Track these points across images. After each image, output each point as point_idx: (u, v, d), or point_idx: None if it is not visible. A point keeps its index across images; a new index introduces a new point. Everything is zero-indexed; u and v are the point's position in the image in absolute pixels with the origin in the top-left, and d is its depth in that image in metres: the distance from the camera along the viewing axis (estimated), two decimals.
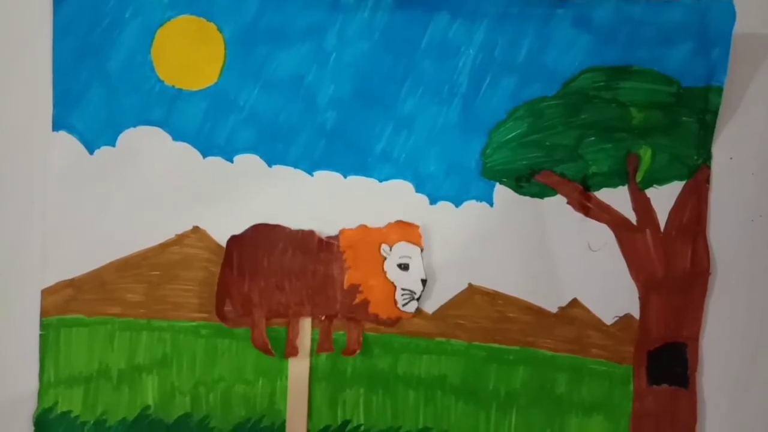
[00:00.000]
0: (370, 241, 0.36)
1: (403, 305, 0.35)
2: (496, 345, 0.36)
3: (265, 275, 0.36)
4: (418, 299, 0.35)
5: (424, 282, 0.35)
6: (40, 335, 0.37)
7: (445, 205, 0.36)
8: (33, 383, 0.37)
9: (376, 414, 0.36)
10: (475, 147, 0.36)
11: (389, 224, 0.36)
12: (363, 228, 0.36)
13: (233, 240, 0.36)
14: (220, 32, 0.36)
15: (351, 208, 0.36)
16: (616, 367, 0.36)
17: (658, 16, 0.35)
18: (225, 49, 0.36)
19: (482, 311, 0.36)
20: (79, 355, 0.36)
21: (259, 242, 0.36)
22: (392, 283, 0.36)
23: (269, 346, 0.36)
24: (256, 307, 0.36)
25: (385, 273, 0.36)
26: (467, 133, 0.36)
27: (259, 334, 0.36)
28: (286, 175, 0.36)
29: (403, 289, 0.35)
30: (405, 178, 0.36)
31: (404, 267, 0.35)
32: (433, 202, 0.36)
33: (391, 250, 0.35)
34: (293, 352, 0.36)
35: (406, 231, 0.36)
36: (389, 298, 0.35)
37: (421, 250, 0.35)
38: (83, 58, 0.36)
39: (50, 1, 0.36)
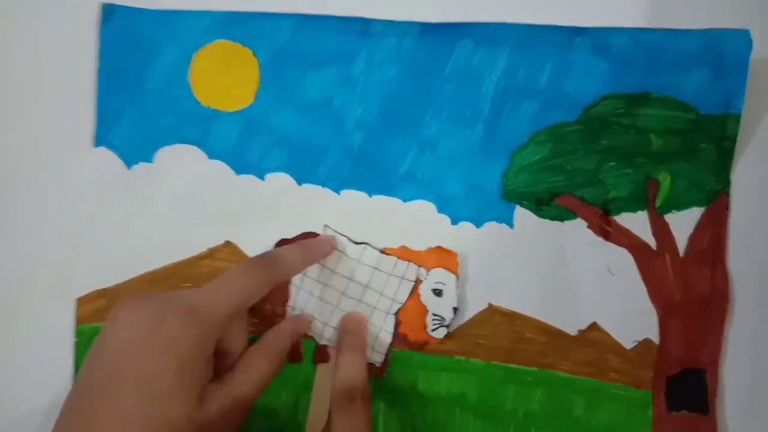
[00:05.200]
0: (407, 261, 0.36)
1: (432, 330, 0.36)
2: (514, 365, 0.36)
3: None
4: (447, 326, 0.36)
5: (455, 310, 0.36)
6: (75, 342, 0.38)
7: (466, 226, 0.37)
8: (68, 388, 0.36)
9: (395, 430, 0.36)
10: (497, 170, 0.36)
11: (429, 249, 0.36)
12: (403, 249, 0.36)
13: (282, 243, 0.37)
14: (255, 57, 0.37)
15: (375, 225, 0.37)
16: (634, 392, 0.35)
17: (675, 45, 0.35)
18: (259, 72, 0.37)
19: (501, 331, 0.36)
20: None
21: None
22: (425, 306, 0.36)
23: (301, 349, 0.36)
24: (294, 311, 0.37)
25: (419, 296, 0.36)
26: (489, 156, 0.36)
27: None
28: (315, 193, 0.37)
29: (434, 315, 0.36)
30: (428, 199, 0.37)
31: (438, 293, 0.36)
32: (454, 222, 0.37)
33: (427, 274, 0.36)
34: (324, 358, 0.36)
35: (444, 257, 0.36)
36: (420, 321, 0.36)
37: (457, 278, 0.36)
38: (125, 79, 0.38)
39: (96, 25, 0.38)
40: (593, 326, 0.36)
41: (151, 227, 0.38)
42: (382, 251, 0.36)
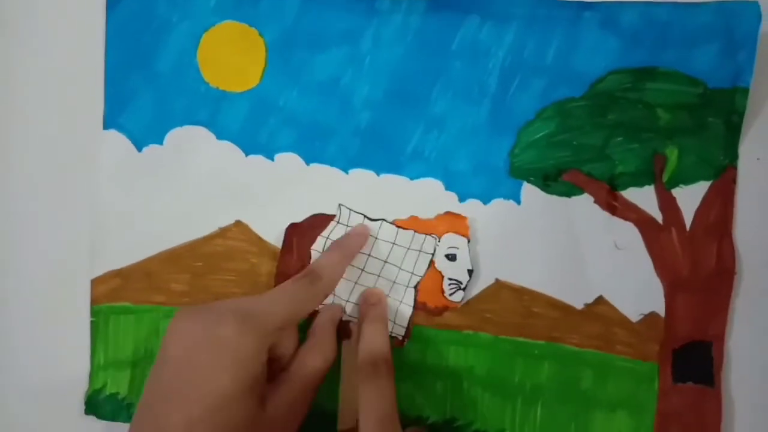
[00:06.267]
0: (420, 231, 0.37)
1: (450, 294, 0.36)
2: (522, 339, 0.36)
3: None
4: (464, 289, 0.36)
5: (470, 272, 0.36)
6: (91, 322, 0.39)
7: (473, 203, 0.37)
8: (84, 366, 0.39)
9: (405, 403, 0.37)
10: (504, 146, 0.36)
11: (438, 215, 0.37)
12: (413, 219, 0.37)
13: (293, 227, 0.37)
14: (262, 37, 0.37)
15: (384, 204, 0.37)
16: (641, 365, 0.36)
17: (684, 19, 0.35)
18: (266, 53, 0.37)
19: (509, 306, 0.36)
20: (127, 340, 0.38)
21: (317, 230, 0.37)
22: (440, 272, 0.36)
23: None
24: None
25: (433, 263, 0.37)
26: (496, 133, 0.36)
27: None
28: (323, 172, 0.37)
29: (450, 279, 0.36)
30: (435, 176, 0.37)
31: (451, 257, 0.36)
32: (462, 199, 0.37)
33: (439, 240, 0.36)
34: (347, 334, 0.37)
35: (453, 222, 0.36)
36: (437, 287, 0.37)
37: (468, 241, 0.36)
38: (133, 61, 0.38)
39: (103, 7, 0.38)
40: (600, 300, 0.36)
41: (163, 208, 0.38)
42: (392, 224, 0.37)
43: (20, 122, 0.39)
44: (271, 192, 0.38)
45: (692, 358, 0.35)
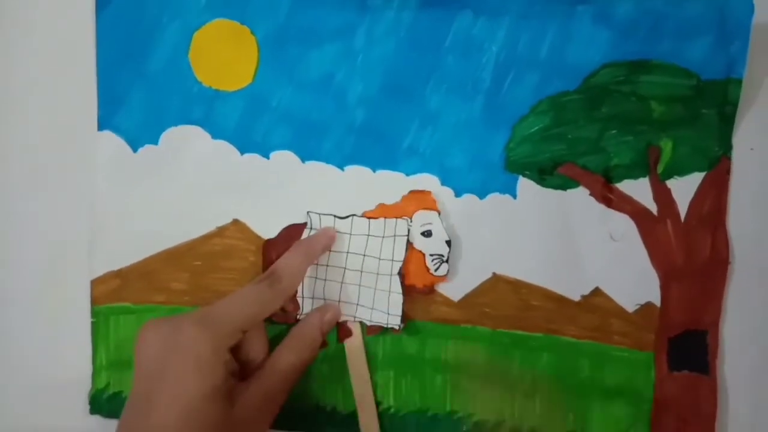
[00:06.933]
0: (391, 217, 0.37)
1: (435, 270, 0.36)
2: (520, 332, 0.37)
3: None
4: (447, 261, 0.36)
5: (448, 243, 0.36)
6: (92, 322, 0.39)
7: (469, 198, 0.37)
8: (87, 366, 0.39)
9: (405, 396, 0.37)
10: (499, 141, 0.37)
11: (404, 197, 0.37)
12: (381, 206, 0.37)
13: (269, 244, 0.37)
14: (253, 34, 0.37)
15: (380, 200, 0.37)
16: (637, 354, 0.36)
17: (678, 11, 0.35)
18: (258, 50, 0.37)
19: (506, 299, 0.37)
20: (128, 340, 0.38)
21: (292, 241, 0.37)
22: (420, 252, 0.37)
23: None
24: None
25: (411, 244, 0.37)
26: (491, 128, 0.36)
27: None
28: (319, 169, 0.37)
29: (431, 255, 0.36)
30: (431, 172, 0.37)
31: (427, 234, 0.36)
32: (458, 194, 0.37)
33: (411, 221, 0.36)
34: (347, 333, 0.37)
35: (420, 199, 0.37)
36: (421, 266, 0.37)
37: (439, 214, 0.36)
38: (125, 62, 0.38)
39: (93, 8, 0.38)
40: (596, 291, 0.36)
41: (160, 208, 0.38)
42: (363, 216, 0.37)
43: (16, 126, 0.39)
44: (268, 190, 0.38)
45: (687, 346, 0.36)
